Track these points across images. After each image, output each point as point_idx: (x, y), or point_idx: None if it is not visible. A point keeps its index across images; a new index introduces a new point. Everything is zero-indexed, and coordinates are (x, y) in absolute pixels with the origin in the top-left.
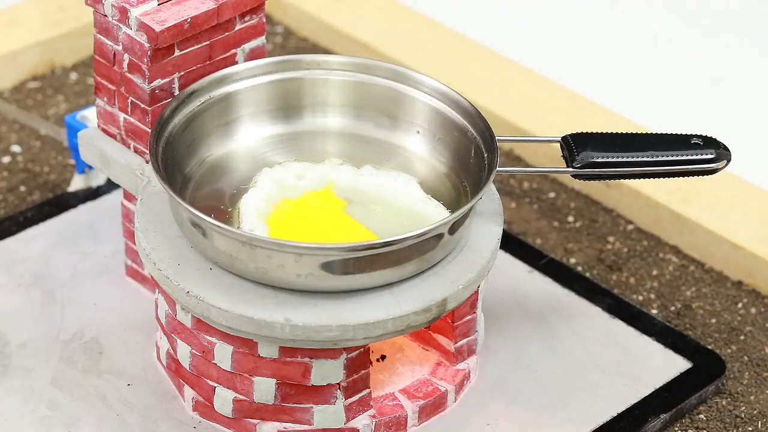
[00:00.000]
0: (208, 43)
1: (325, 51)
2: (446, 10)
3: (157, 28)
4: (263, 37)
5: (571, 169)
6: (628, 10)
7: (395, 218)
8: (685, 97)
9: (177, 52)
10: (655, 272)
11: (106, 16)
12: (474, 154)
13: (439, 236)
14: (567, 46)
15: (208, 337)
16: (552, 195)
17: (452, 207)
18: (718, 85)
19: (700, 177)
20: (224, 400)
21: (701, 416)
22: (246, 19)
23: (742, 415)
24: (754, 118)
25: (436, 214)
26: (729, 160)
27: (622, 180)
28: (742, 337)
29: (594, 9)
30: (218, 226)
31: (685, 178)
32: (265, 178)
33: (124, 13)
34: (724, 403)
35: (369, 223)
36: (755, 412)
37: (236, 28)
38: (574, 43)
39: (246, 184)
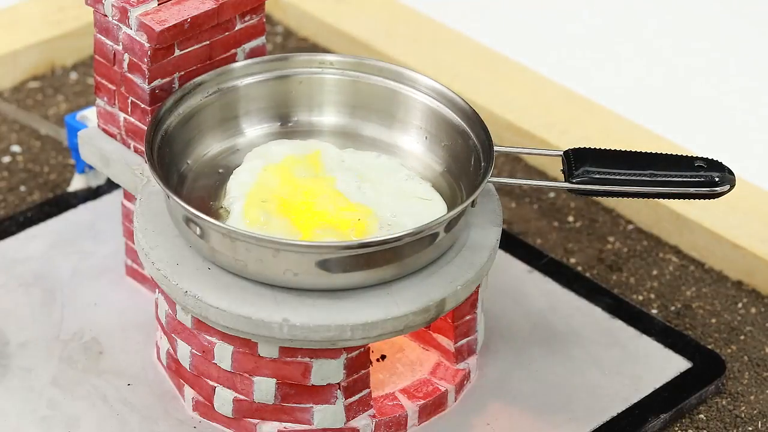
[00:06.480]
0: (208, 42)
1: (325, 51)
2: (446, 10)
3: (157, 28)
4: (263, 37)
5: (567, 185)
6: (629, 10)
7: (383, 195)
8: (685, 96)
9: (177, 52)
10: (655, 272)
11: (106, 16)
12: (473, 159)
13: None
14: (567, 46)
15: (208, 337)
16: (552, 195)
17: (447, 203)
18: (718, 83)
19: None
20: (224, 400)
21: (701, 416)
22: (246, 19)
23: (742, 415)
24: (755, 117)
25: (421, 191)
26: (733, 186)
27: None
28: (742, 337)
29: (594, 9)
30: (211, 223)
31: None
32: (252, 156)
33: (124, 13)
34: (724, 403)
35: (356, 198)
36: (755, 412)
37: (236, 28)
38: (574, 43)
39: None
